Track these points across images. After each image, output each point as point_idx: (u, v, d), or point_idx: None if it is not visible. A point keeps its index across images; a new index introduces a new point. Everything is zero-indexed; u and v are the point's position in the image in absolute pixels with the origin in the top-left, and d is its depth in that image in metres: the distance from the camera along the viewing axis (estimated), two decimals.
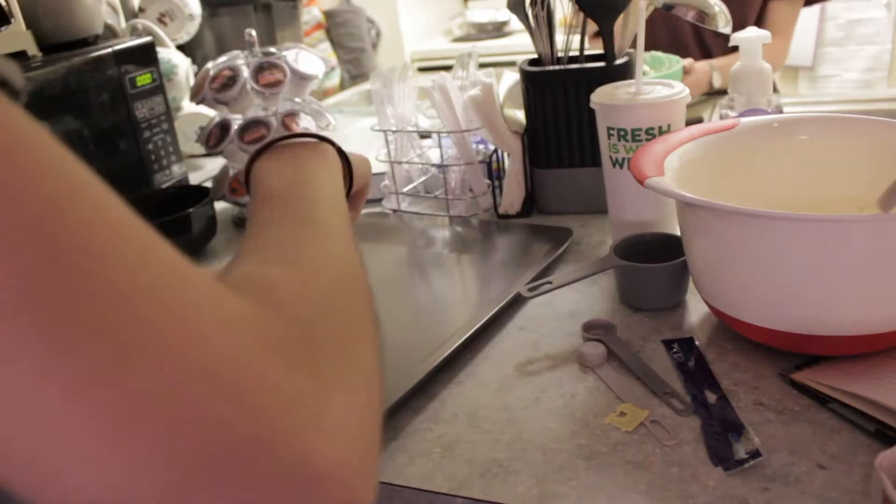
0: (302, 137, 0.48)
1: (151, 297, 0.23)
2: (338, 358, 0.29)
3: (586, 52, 1.01)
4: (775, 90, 1.70)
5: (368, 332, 0.33)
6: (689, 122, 0.86)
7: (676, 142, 0.74)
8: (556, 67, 1.00)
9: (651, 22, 1.49)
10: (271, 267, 0.34)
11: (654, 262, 0.76)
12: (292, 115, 1.15)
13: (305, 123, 1.14)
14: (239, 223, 1.18)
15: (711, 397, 0.63)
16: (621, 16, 0.97)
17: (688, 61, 1.48)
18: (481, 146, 1.11)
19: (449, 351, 0.71)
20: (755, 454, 0.55)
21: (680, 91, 0.85)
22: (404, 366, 0.70)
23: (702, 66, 1.51)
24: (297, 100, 1.18)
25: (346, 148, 0.55)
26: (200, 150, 1.24)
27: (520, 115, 1.04)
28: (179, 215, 1.01)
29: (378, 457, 0.29)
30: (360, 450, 0.27)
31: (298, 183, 0.44)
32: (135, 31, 1.38)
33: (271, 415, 0.24)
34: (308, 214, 0.40)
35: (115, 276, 0.22)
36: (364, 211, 1.14)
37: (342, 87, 2.78)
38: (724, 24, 0.94)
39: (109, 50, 1.13)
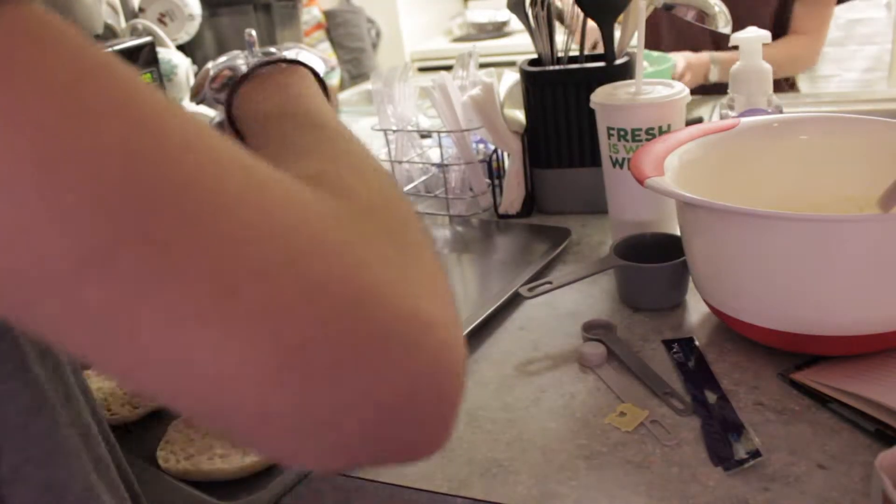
0: (275, 64, 0.48)
1: (258, 200, 0.24)
2: (409, 233, 0.31)
3: (586, 53, 1.01)
4: (795, 88, 1.70)
5: (414, 215, 0.35)
6: (689, 122, 0.86)
7: (676, 142, 0.74)
8: (556, 67, 1.00)
9: (656, 23, 1.49)
10: (310, 164, 0.35)
11: (654, 262, 0.76)
12: None
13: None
14: None
15: (711, 397, 0.63)
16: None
17: (681, 62, 1.48)
18: (481, 145, 1.11)
19: None
20: (755, 454, 0.55)
21: (680, 91, 0.85)
22: None
23: (700, 57, 1.51)
24: None
25: None
26: None
27: (520, 115, 1.04)
28: None
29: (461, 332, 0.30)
30: (452, 309, 0.28)
31: (291, 101, 0.44)
32: (135, 31, 1.38)
33: (381, 280, 0.26)
34: (316, 122, 0.41)
35: (224, 200, 0.23)
36: None
37: (342, 87, 2.77)
38: (724, 24, 0.94)
39: (109, 50, 1.13)
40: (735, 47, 0.93)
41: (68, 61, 0.22)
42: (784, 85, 1.69)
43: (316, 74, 0.51)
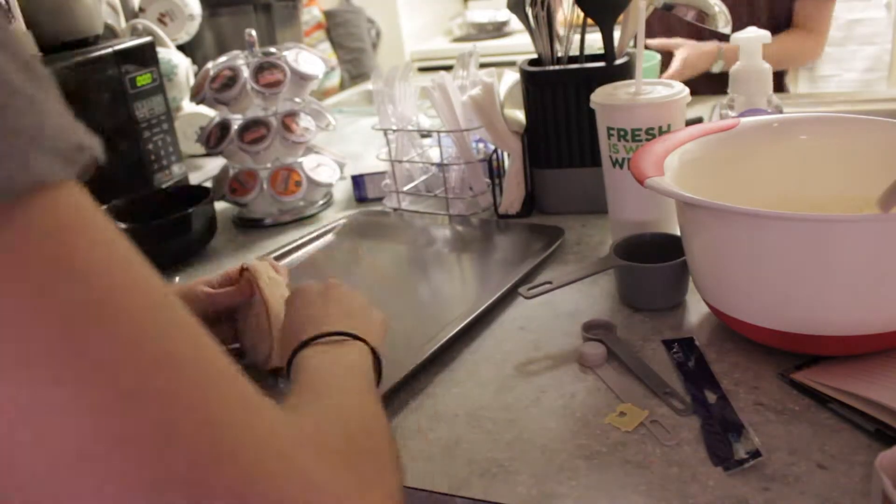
0: (337, 336, 0.56)
1: (231, 422, 0.28)
2: (370, 462, 0.37)
3: (586, 53, 1.01)
4: (783, 89, 1.69)
5: (393, 451, 0.42)
6: (689, 122, 0.86)
7: (676, 142, 0.74)
8: (556, 67, 1.00)
9: (648, 22, 1.49)
10: (311, 404, 0.44)
11: (654, 262, 0.76)
12: (292, 115, 1.15)
13: (305, 123, 1.14)
14: (239, 223, 1.18)
15: (711, 397, 0.63)
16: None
17: (683, 52, 1.48)
18: (481, 145, 1.11)
19: (441, 342, 0.72)
20: (755, 454, 0.55)
21: (680, 91, 0.85)
22: (402, 358, 0.71)
23: (709, 45, 1.51)
24: (297, 100, 1.18)
25: (346, 148, 0.57)
26: (200, 150, 1.24)
27: (520, 115, 1.04)
28: (179, 215, 1.01)
29: None
30: None
31: (336, 363, 0.53)
32: (135, 31, 1.38)
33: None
34: (341, 384, 0.49)
35: (200, 404, 0.27)
36: (365, 209, 1.15)
37: (342, 87, 2.78)
38: (724, 23, 0.94)
39: (110, 50, 1.13)
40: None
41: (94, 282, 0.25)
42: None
43: (375, 355, 0.57)
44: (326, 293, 0.63)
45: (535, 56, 1.04)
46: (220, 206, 1.18)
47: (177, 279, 1.01)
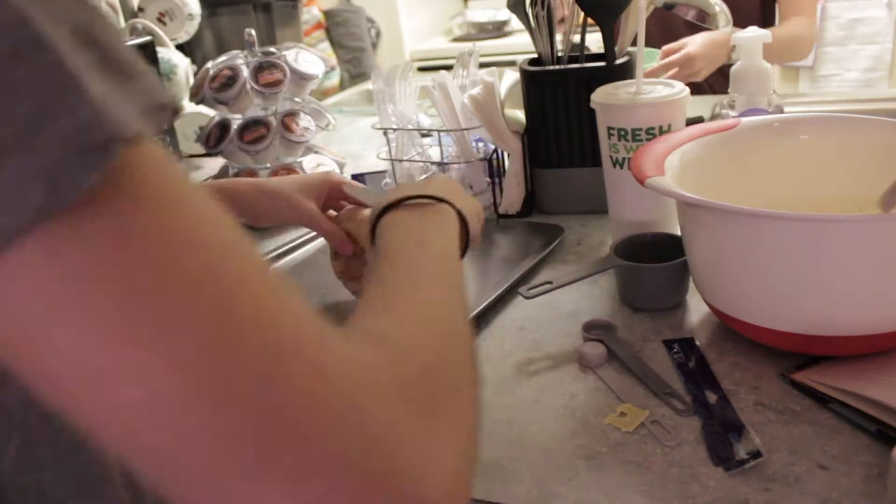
0: (425, 199, 0.53)
1: (293, 354, 0.27)
2: (445, 401, 0.33)
3: (586, 53, 1.01)
4: (775, 86, 1.69)
5: (470, 379, 0.37)
6: (689, 122, 0.86)
7: (676, 142, 0.74)
8: (556, 67, 1.00)
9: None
10: (383, 322, 0.38)
11: (654, 262, 0.76)
12: (292, 114, 1.15)
13: (305, 123, 1.14)
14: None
15: (712, 397, 0.62)
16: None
17: (698, 40, 1.47)
18: (480, 144, 1.11)
19: None
20: (756, 454, 0.55)
21: (680, 91, 0.85)
22: None
23: (719, 34, 1.46)
24: (297, 99, 1.18)
25: (346, 147, 0.57)
26: (200, 150, 1.24)
27: (520, 114, 1.04)
28: None
29: (471, 486, 0.33)
30: (462, 483, 0.31)
31: (416, 242, 0.48)
32: (134, 31, 1.38)
33: (390, 452, 0.29)
34: (420, 275, 0.44)
35: (260, 341, 0.27)
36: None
37: (342, 87, 2.78)
38: (724, 23, 0.94)
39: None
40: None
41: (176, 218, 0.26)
42: None
43: (458, 212, 0.54)
44: (424, 182, 0.62)
45: (535, 56, 1.04)
46: None
47: None
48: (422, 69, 2.86)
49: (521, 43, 3.00)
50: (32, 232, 0.23)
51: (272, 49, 1.16)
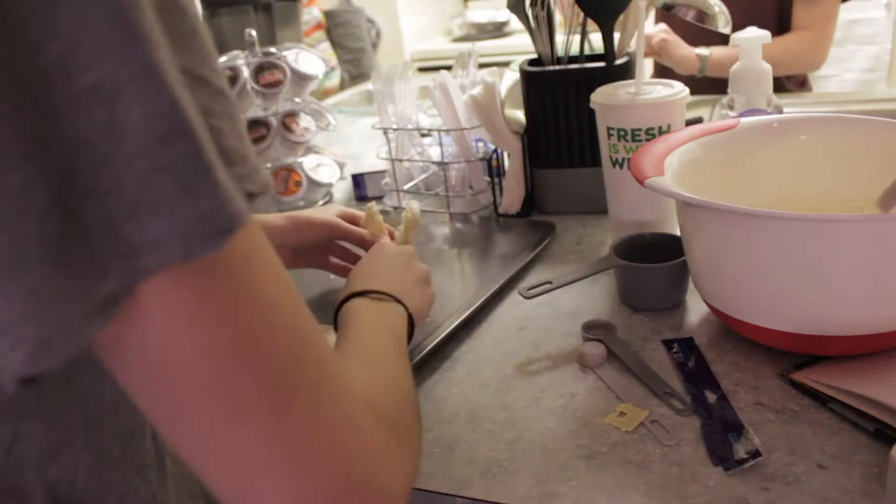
0: (379, 294, 0.64)
1: (336, 388, 0.37)
2: (406, 435, 0.44)
3: (586, 53, 1.02)
4: (807, 87, 1.69)
5: (418, 424, 0.49)
6: (689, 122, 0.86)
7: (676, 142, 0.74)
8: (556, 67, 1.00)
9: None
10: (369, 367, 0.51)
11: (654, 262, 0.76)
12: (292, 115, 1.15)
13: (305, 123, 1.14)
14: None
15: (711, 397, 0.63)
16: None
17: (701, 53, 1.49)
18: (480, 144, 1.11)
19: (437, 339, 0.73)
20: (755, 454, 0.55)
21: (680, 91, 0.85)
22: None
23: (689, 52, 1.53)
24: (297, 100, 1.18)
25: (346, 147, 0.58)
26: None
27: (520, 114, 1.04)
28: None
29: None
30: (408, 494, 0.41)
31: (380, 322, 0.61)
32: None
33: (382, 471, 0.38)
34: (387, 347, 0.56)
35: (317, 383, 0.35)
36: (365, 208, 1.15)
37: (342, 87, 2.78)
38: (724, 24, 0.94)
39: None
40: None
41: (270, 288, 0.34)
42: (787, 84, 1.68)
43: (410, 319, 0.65)
44: (395, 256, 0.72)
45: (535, 56, 1.04)
46: None
47: None
48: (422, 69, 2.86)
49: (521, 43, 3.00)
50: (168, 274, 0.29)
51: (272, 49, 1.16)
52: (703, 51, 1.54)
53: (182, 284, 0.30)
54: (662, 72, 1.62)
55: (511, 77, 1.10)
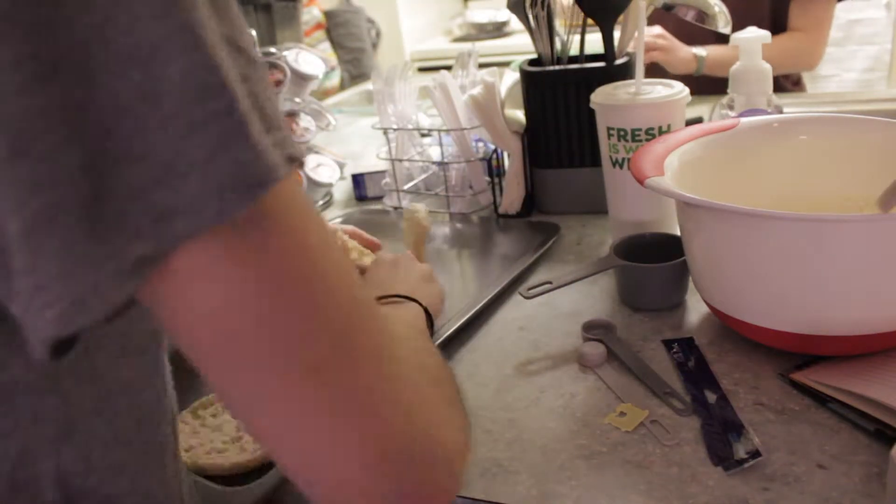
0: (398, 298, 0.67)
1: (391, 341, 0.36)
2: (457, 399, 0.44)
3: (586, 53, 1.02)
4: (801, 87, 1.69)
5: (459, 394, 0.48)
6: (689, 122, 0.86)
7: (676, 142, 0.74)
8: (556, 67, 1.00)
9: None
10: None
11: (654, 262, 0.76)
12: (292, 115, 1.15)
13: (305, 123, 1.14)
14: None
15: (711, 397, 0.63)
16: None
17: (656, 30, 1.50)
18: (480, 144, 1.11)
19: (438, 340, 0.72)
20: (755, 454, 0.55)
21: (680, 91, 0.85)
22: None
23: (686, 53, 1.53)
24: (298, 100, 1.18)
25: (346, 147, 0.59)
26: None
27: (520, 114, 1.04)
28: None
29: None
30: (467, 437, 0.41)
31: (400, 321, 0.63)
32: None
33: (440, 424, 0.38)
34: (414, 343, 0.55)
35: (375, 335, 0.35)
36: (365, 208, 1.15)
37: (342, 87, 2.78)
38: (724, 24, 0.94)
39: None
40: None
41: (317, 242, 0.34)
42: (785, 83, 1.68)
43: (429, 316, 0.68)
44: (396, 262, 0.74)
45: (535, 56, 1.04)
46: None
47: None
48: (422, 69, 2.86)
49: (521, 43, 3.00)
50: (205, 236, 0.29)
51: (272, 49, 1.16)
52: (699, 51, 1.54)
53: (224, 247, 0.30)
54: (656, 71, 1.63)
55: (511, 77, 1.10)
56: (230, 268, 0.30)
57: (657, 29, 1.56)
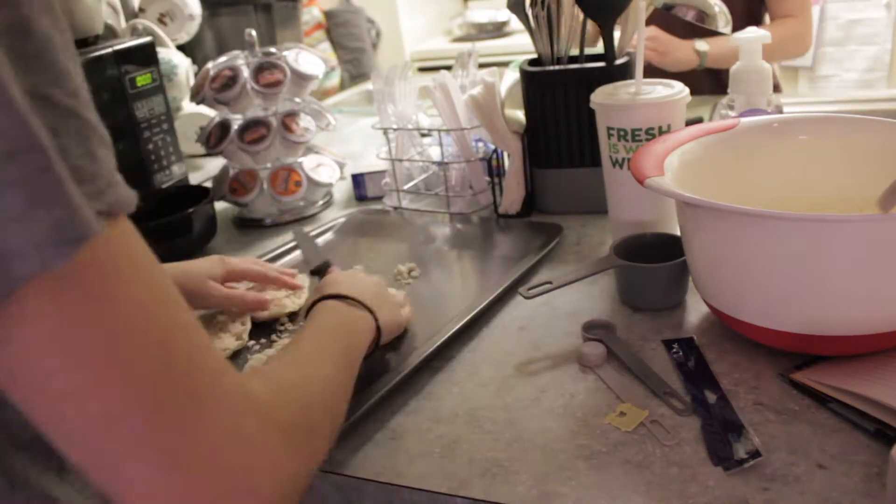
0: (353, 302, 0.66)
1: (209, 391, 0.37)
2: (311, 434, 0.45)
3: (586, 52, 1.01)
4: (778, 90, 1.69)
5: (334, 423, 0.51)
6: (689, 122, 0.86)
7: (676, 142, 0.74)
8: (557, 67, 1.00)
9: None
10: (284, 372, 0.51)
11: (654, 262, 0.76)
12: (292, 115, 1.15)
13: (305, 123, 1.14)
14: (239, 223, 1.18)
15: (711, 397, 0.63)
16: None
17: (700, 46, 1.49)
18: (480, 144, 1.11)
19: (439, 342, 0.73)
20: (755, 454, 0.55)
21: (680, 91, 0.85)
22: (402, 356, 0.72)
23: (687, 50, 1.52)
24: (297, 100, 1.18)
25: (346, 147, 0.59)
26: (200, 150, 1.24)
27: (520, 114, 1.04)
28: (179, 215, 1.01)
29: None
30: (297, 489, 0.42)
31: (341, 330, 0.63)
32: (135, 31, 1.38)
33: (256, 473, 0.39)
34: (326, 356, 0.56)
35: (188, 386, 0.36)
36: (365, 208, 1.15)
37: (342, 87, 2.78)
38: (724, 24, 0.94)
39: (109, 50, 1.13)
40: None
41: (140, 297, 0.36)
42: None
43: (378, 329, 0.68)
44: (368, 278, 0.74)
45: (535, 56, 1.04)
46: (220, 206, 1.18)
47: None
48: (422, 69, 2.86)
49: (521, 43, 3.00)
50: (28, 286, 0.31)
51: (272, 49, 1.16)
52: (701, 45, 1.54)
53: (50, 292, 0.32)
54: (656, 70, 1.62)
55: (511, 77, 1.10)
56: (55, 314, 0.32)
57: (651, 30, 1.55)
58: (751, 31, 0.91)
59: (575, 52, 1.01)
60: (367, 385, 0.67)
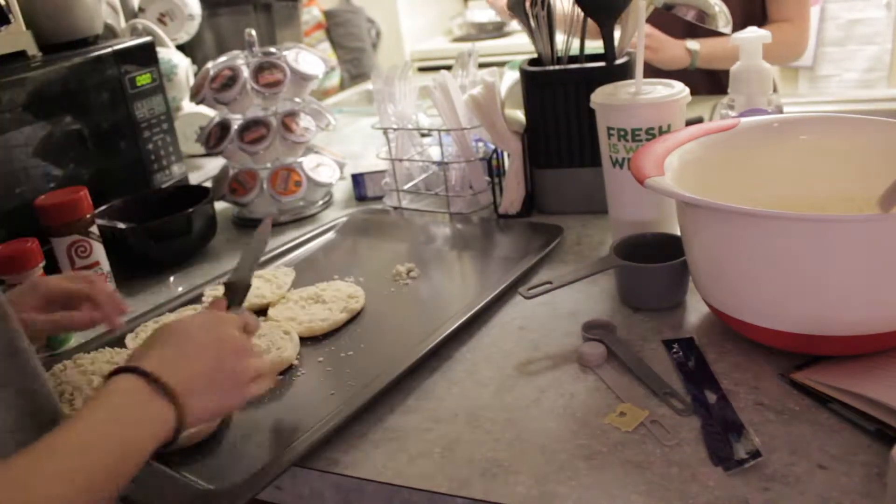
0: (154, 384, 0.53)
1: None
2: None
3: (586, 52, 1.01)
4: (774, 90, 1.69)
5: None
6: (689, 122, 0.86)
7: (676, 142, 0.74)
8: (556, 67, 1.00)
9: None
10: (28, 461, 0.46)
11: (654, 262, 0.76)
12: (292, 115, 1.15)
13: (305, 123, 1.14)
14: (239, 223, 1.18)
15: (711, 397, 0.63)
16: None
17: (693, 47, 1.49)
18: (480, 144, 1.11)
19: (437, 340, 0.73)
20: (755, 454, 0.55)
21: (680, 91, 0.85)
22: (402, 356, 0.72)
23: (680, 49, 1.52)
24: (297, 100, 1.18)
25: (346, 147, 0.58)
26: (200, 150, 1.24)
27: (520, 114, 1.04)
28: (179, 215, 1.01)
29: None
30: None
31: (113, 422, 0.50)
32: (135, 31, 1.38)
33: None
34: (81, 449, 0.48)
35: None
36: (365, 208, 1.15)
37: (342, 87, 2.78)
38: (724, 24, 0.94)
39: (109, 50, 1.13)
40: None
41: None
42: None
43: (180, 422, 0.54)
44: (199, 331, 0.58)
45: (535, 56, 1.04)
46: (220, 206, 1.18)
47: (171, 279, 1.01)
48: (422, 69, 2.86)
49: (521, 43, 2.99)
50: None
51: (272, 49, 1.16)
52: (692, 44, 1.53)
53: None
54: (653, 69, 1.62)
55: (511, 77, 1.10)
56: None
57: (645, 27, 1.55)
58: (751, 31, 0.91)
59: (575, 52, 1.01)
60: (364, 384, 0.67)
